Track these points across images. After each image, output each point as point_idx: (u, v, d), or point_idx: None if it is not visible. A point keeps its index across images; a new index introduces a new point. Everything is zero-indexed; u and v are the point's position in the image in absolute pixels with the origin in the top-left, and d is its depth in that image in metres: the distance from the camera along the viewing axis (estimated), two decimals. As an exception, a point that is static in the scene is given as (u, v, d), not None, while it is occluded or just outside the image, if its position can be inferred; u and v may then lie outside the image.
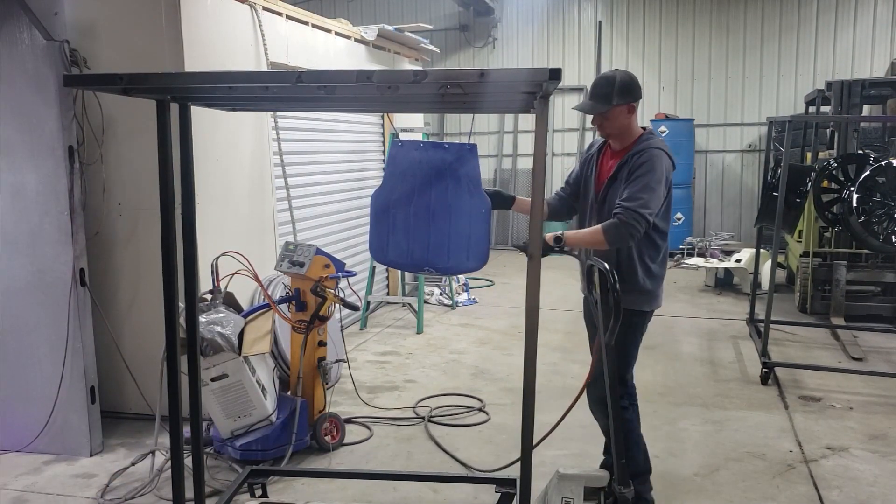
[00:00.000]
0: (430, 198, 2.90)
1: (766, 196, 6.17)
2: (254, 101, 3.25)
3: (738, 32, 10.84)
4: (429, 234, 2.91)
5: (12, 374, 4.12)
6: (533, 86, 2.09)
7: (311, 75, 2.04)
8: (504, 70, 2.04)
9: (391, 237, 2.98)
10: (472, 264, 2.93)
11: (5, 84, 3.92)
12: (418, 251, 2.95)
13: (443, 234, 2.90)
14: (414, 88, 2.13)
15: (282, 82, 2.18)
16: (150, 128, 4.25)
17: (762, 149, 10.38)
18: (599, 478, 2.94)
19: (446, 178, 2.88)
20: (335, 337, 4.47)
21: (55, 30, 3.92)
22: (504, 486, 3.20)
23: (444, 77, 2.03)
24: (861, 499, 3.54)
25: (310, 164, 6.15)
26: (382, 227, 2.99)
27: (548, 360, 5.80)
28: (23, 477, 3.84)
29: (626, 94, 3.13)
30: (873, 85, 7.12)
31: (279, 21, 5.38)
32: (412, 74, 1.98)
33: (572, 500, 2.89)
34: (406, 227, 2.94)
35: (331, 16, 6.83)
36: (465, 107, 3.36)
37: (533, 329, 2.24)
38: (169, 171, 2.47)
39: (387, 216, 2.97)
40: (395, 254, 3.01)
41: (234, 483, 3.24)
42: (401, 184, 2.94)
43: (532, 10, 11.72)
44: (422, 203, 2.92)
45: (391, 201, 2.96)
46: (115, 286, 4.51)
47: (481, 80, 1.98)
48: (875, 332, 6.40)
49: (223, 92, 2.45)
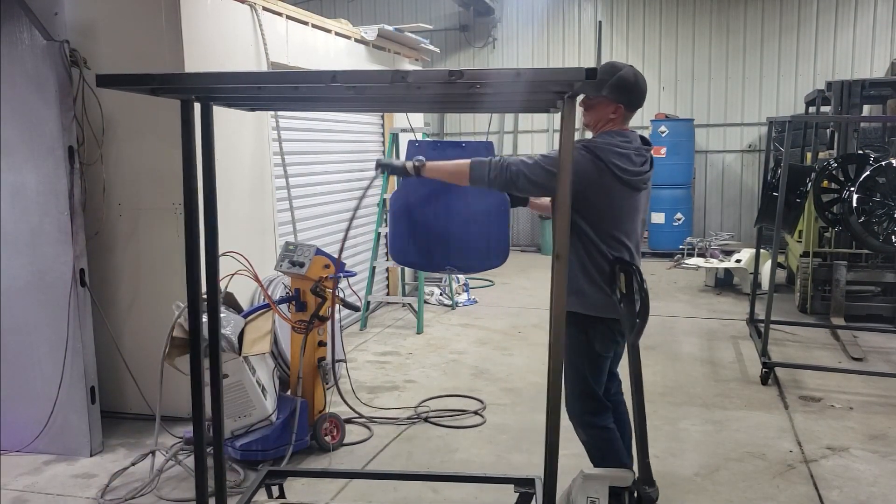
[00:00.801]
0: (449, 197, 2.89)
1: (766, 196, 6.16)
2: (274, 102, 3.25)
3: (738, 32, 10.84)
4: (449, 234, 2.90)
5: (12, 374, 4.12)
6: (564, 85, 2.07)
7: (345, 75, 2.00)
8: (540, 69, 2.02)
9: (411, 238, 2.96)
10: (494, 262, 2.92)
11: (5, 84, 3.92)
12: (439, 251, 2.93)
13: (463, 233, 2.89)
14: (445, 88, 2.10)
15: (316, 82, 2.15)
16: (151, 128, 4.33)
17: (762, 149, 10.38)
18: (624, 477, 2.95)
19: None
20: (335, 337, 4.47)
21: (55, 30, 3.93)
22: (523, 486, 3.17)
23: (480, 77, 2.00)
24: (861, 499, 3.54)
25: (310, 164, 6.15)
26: (402, 229, 2.97)
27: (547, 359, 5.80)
28: (23, 477, 3.84)
29: (619, 92, 2.93)
30: (873, 85, 7.11)
31: (279, 21, 5.38)
32: (448, 74, 1.94)
33: (597, 499, 2.89)
34: (426, 228, 2.92)
35: (331, 16, 6.83)
36: (484, 106, 3.33)
37: (559, 327, 2.28)
38: (193, 170, 2.48)
39: (406, 217, 2.95)
40: (416, 255, 2.99)
41: (253, 484, 3.20)
42: (419, 184, 2.92)
43: (532, 10, 11.72)
44: (441, 203, 2.90)
45: (410, 202, 2.94)
46: (115, 286, 4.51)
47: (517, 80, 1.95)
48: (875, 332, 6.40)
49: (252, 92, 2.44)
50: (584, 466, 3.04)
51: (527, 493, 3.15)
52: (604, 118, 2.98)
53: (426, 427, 4.47)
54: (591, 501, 2.89)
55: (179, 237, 4.37)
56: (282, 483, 3.38)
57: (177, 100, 2.44)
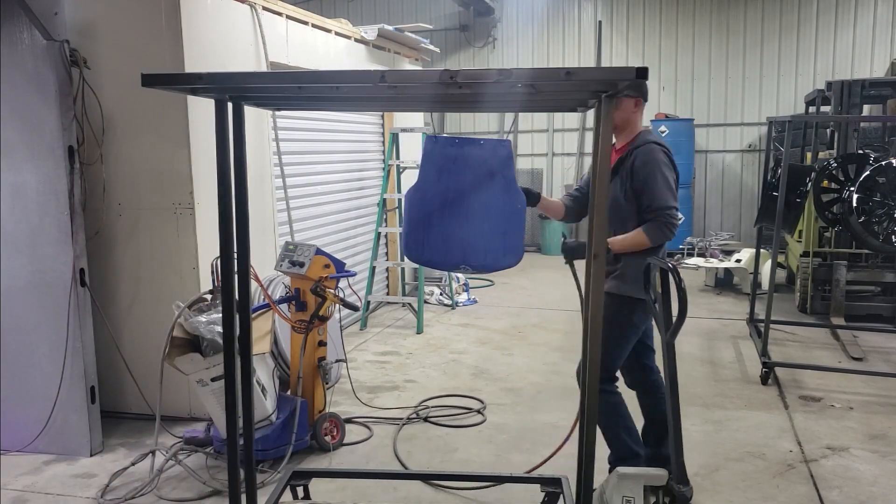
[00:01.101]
0: (466, 195, 2.89)
1: (766, 196, 6.17)
2: (305, 101, 3.24)
3: (738, 32, 10.84)
4: (465, 232, 2.90)
5: (12, 374, 4.12)
6: (607, 84, 2.07)
7: (394, 75, 2.01)
8: (589, 69, 2.01)
9: (426, 236, 2.95)
10: (509, 261, 2.92)
11: (5, 84, 3.93)
12: (454, 249, 2.93)
13: (479, 231, 2.89)
14: (489, 88, 2.09)
15: (363, 82, 2.15)
16: (151, 128, 4.33)
17: (762, 149, 10.38)
18: (658, 476, 2.96)
19: (482, 175, 2.86)
20: (335, 337, 4.47)
21: (55, 30, 3.92)
22: (549, 486, 3.17)
23: (530, 77, 1.98)
24: (861, 499, 3.54)
25: (309, 164, 6.15)
26: (418, 226, 2.96)
27: (548, 359, 5.80)
28: (23, 477, 3.84)
29: (636, 88, 3.27)
30: (873, 85, 7.11)
31: (279, 21, 5.38)
32: (497, 74, 1.93)
33: (633, 498, 2.90)
34: (441, 226, 2.91)
35: (331, 16, 6.83)
36: (514, 106, 3.36)
37: (596, 328, 2.29)
38: (227, 167, 2.50)
39: (422, 215, 2.94)
40: (431, 253, 2.98)
41: (279, 485, 3.17)
42: (436, 181, 2.91)
43: (532, 10, 11.72)
44: (457, 200, 2.89)
45: (426, 199, 2.93)
46: (115, 286, 4.51)
47: (568, 79, 1.94)
48: (875, 332, 6.40)
49: (292, 92, 2.44)
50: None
51: (554, 492, 3.15)
52: (629, 113, 3.31)
53: (426, 427, 4.47)
54: (626, 501, 2.90)
55: (179, 237, 4.38)
56: (306, 483, 3.35)
57: (211, 99, 2.46)
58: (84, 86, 4.15)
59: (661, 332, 2.91)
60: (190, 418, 4.50)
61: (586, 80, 2.06)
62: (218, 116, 2.44)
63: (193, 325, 3.70)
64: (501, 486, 3.61)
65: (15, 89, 3.92)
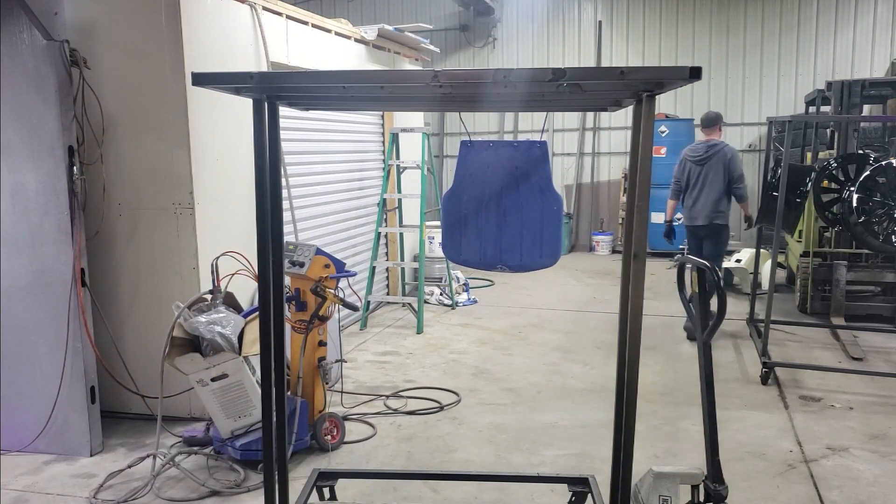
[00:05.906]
0: (502, 197, 2.93)
1: (766, 196, 6.17)
2: (338, 102, 3.25)
3: (738, 32, 10.84)
4: (501, 234, 2.94)
5: (12, 374, 4.12)
6: (653, 84, 2.08)
7: (446, 74, 2.03)
8: (642, 68, 2.02)
9: (464, 238, 3.00)
10: (546, 261, 2.95)
11: (5, 84, 3.93)
12: (491, 250, 2.97)
13: (515, 232, 2.92)
14: (539, 87, 2.10)
15: (418, 81, 2.16)
16: (151, 128, 4.33)
17: (762, 149, 10.39)
18: (694, 475, 2.97)
19: (517, 177, 2.91)
20: (334, 337, 4.47)
21: (55, 30, 3.92)
22: (576, 485, 3.16)
23: (583, 76, 1.99)
24: (861, 499, 3.54)
25: (310, 164, 6.15)
26: (455, 229, 3.01)
27: (548, 360, 5.80)
28: (23, 477, 3.84)
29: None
30: (873, 85, 7.11)
31: (279, 21, 5.38)
32: (551, 73, 1.95)
33: (669, 497, 2.90)
34: (478, 228, 2.97)
35: (331, 16, 6.84)
36: (553, 106, 3.35)
37: (636, 329, 2.32)
38: (264, 165, 2.51)
39: (459, 217, 3.00)
40: (469, 254, 3.03)
41: (306, 487, 3.15)
42: (472, 185, 2.96)
43: (532, 10, 11.72)
44: (493, 203, 2.94)
45: (463, 202, 2.98)
46: (115, 286, 4.51)
47: (622, 79, 1.95)
48: (875, 332, 6.40)
49: (338, 91, 2.46)
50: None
51: (581, 492, 3.14)
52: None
53: (426, 427, 4.46)
54: (663, 500, 2.90)
55: (179, 237, 4.38)
56: (332, 485, 3.33)
57: (250, 98, 2.48)
58: (84, 86, 4.15)
59: (698, 333, 2.91)
60: (190, 418, 4.50)
61: (637, 80, 2.08)
62: (257, 115, 2.48)
63: (193, 325, 3.70)
64: (501, 486, 3.61)
65: (15, 89, 3.93)
